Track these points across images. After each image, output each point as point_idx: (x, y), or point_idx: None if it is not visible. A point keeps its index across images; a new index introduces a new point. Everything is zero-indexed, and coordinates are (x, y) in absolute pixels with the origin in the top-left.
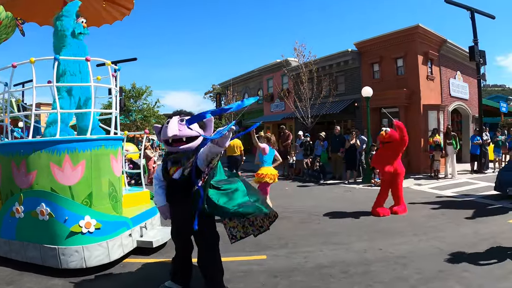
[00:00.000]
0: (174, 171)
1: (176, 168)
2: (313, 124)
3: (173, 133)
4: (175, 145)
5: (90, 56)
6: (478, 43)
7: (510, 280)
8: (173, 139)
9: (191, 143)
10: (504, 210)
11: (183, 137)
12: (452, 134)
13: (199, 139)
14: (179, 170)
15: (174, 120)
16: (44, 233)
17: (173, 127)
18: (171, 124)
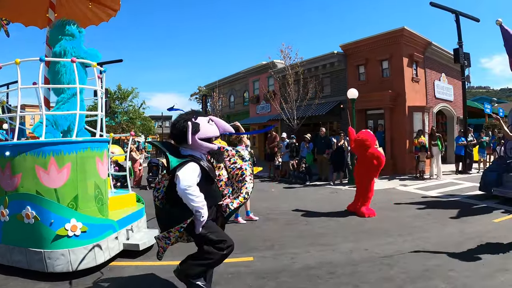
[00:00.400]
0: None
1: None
2: (299, 126)
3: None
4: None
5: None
6: (462, 45)
7: (495, 278)
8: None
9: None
10: (488, 209)
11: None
12: (437, 135)
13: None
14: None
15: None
16: (30, 237)
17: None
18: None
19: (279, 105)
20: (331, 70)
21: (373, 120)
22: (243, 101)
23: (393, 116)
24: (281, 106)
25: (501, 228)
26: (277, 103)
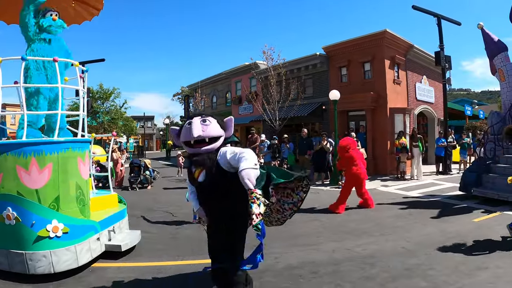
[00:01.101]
0: (198, 173)
1: (200, 171)
2: (281, 126)
3: (198, 133)
4: (197, 146)
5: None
6: (444, 48)
7: (473, 276)
8: (195, 140)
9: (213, 143)
10: (468, 209)
11: (206, 138)
12: (418, 136)
13: (221, 139)
14: (202, 172)
15: (196, 120)
16: (11, 238)
17: (197, 127)
18: (194, 124)
19: (261, 106)
20: (314, 71)
21: (355, 121)
22: (226, 102)
23: (375, 118)
24: (263, 107)
25: (481, 227)
26: (259, 104)
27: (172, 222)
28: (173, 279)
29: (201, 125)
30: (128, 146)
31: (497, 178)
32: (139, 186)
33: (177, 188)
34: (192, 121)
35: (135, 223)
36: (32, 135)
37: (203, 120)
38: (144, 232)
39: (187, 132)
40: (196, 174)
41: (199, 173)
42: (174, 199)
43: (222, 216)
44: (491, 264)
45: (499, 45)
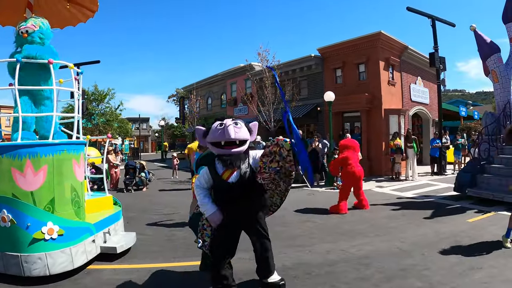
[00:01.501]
0: (229, 174)
1: (231, 172)
2: (276, 128)
3: (234, 135)
4: (227, 147)
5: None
6: (438, 49)
7: (468, 276)
8: (226, 141)
9: (242, 146)
10: (463, 210)
11: (237, 140)
12: (413, 137)
13: (247, 143)
14: (235, 173)
15: (230, 122)
16: (6, 240)
17: (233, 129)
18: (229, 127)
19: (256, 107)
20: (308, 73)
21: (349, 122)
22: (221, 103)
23: (370, 119)
24: (258, 109)
25: (475, 227)
26: (254, 105)
27: (167, 224)
28: (168, 280)
29: (234, 127)
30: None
31: (491, 178)
32: (134, 188)
33: (173, 190)
34: (225, 123)
35: (130, 225)
36: (27, 137)
37: (235, 123)
38: (140, 234)
39: (220, 133)
40: (226, 175)
41: (230, 174)
42: (169, 200)
43: (251, 210)
44: (485, 264)
45: (491, 47)
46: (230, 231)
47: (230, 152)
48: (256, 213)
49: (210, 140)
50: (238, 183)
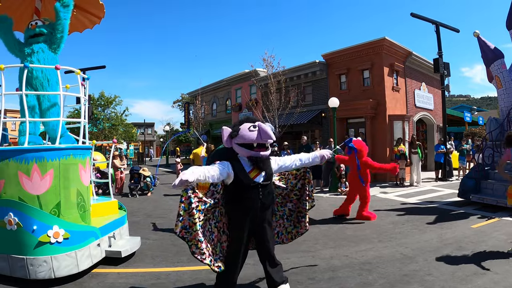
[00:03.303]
0: (256, 174)
1: (257, 172)
2: (281, 134)
3: (272, 138)
4: (257, 150)
5: (59, 64)
6: (442, 55)
7: (471, 282)
8: (258, 143)
9: (269, 149)
10: (467, 215)
11: (266, 143)
12: (417, 143)
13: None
14: (261, 174)
15: (267, 125)
16: (12, 243)
17: (270, 131)
18: (267, 128)
19: (261, 113)
20: (313, 79)
21: (354, 128)
22: (226, 109)
23: (374, 125)
24: (263, 115)
25: (479, 233)
26: (259, 111)
27: (172, 228)
28: (173, 285)
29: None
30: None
31: (495, 184)
32: (139, 193)
33: (177, 195)
34: (259, 125)
35: (135, 230)
36: (33, 141)
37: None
38: (144, 238)
39: (256, 134)
40: (253, 174)
41: (258, 174)
42: (174, 205)
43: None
44: (488, 270)
45: (495, 53)
46: (245, 231)
47: (260, 155)
48: (267, 214)
49: (241, 141)
50: (263, 184)
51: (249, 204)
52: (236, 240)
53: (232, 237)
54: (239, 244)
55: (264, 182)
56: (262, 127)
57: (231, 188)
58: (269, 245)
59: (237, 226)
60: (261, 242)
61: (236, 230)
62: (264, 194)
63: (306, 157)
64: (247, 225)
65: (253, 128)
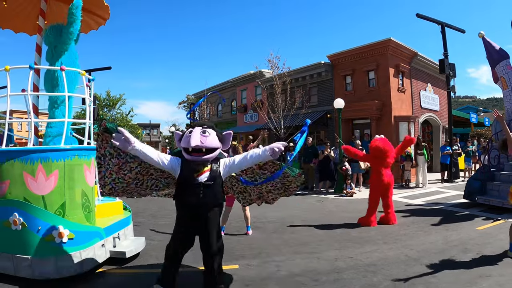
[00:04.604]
0: (199, 174)
1: (198, 174)
2: (286, 135)
3: (196, 143)
4: (194, 154)
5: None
6: (448, 56)
7: (476, 284)
8: (194, 148)
9: (210, 154)
10: (472, 217)
11: (203, 148)
12: (423, 144)
13: (217, 151)
14: (204, 174)
15: (197, 130)
16: (17, 243)
17: (196, 137)
18: (194, 134)
19: (267, 114)
20: (318, 80)
21: (359, 129)
22: (231, 110)
23: (379, 126)
24: (269, 116)
25: (484, 235)
26: (264, 112)
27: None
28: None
29: (201, 136)
30: None
31: (501, 185)
32: None
33: None
34: (193, 130)
35: (140, 230)
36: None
37: (203, 131)
38: (149, 239)
39: (187, 140)
40: (197, 173)
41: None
42: None
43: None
44: (493, 272)
45: (500, 53)
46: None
47: (195, 159)
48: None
49: (181, 145)
50: (205, 183)
51: (188, 201)
52: (175, 232)
53: (174, 229)
54: (177, 236)
55: (207, 182)
56: (191, 133)
57: (178, 184)
58: (210, 251)
59: (178, 220)
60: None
61: (176, 224)
62: (205, 193)
63: (256, 153)
64: (187, 222)
65: (188, 133)
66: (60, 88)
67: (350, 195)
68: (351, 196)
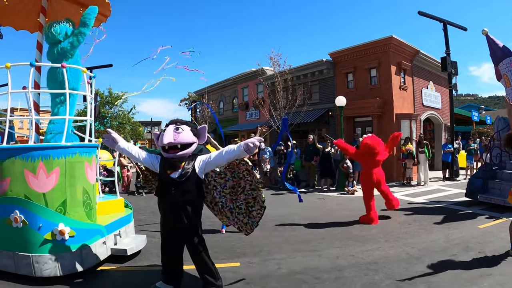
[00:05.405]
0: (171, 171)
1: (171, 171)
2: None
3: (168, 140)
4: (171, 151)
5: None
6: (450, 54)
7: (477, 283)
8: (169, 146)
9: (185, 150)
10: (474, 216)
11: (177, 144)
12: (425, 142)
13: (193, 146)
14: (175, 172)
15: (170, 128)
16: (18, 241)
17: (169, 135)
18: (167, 132)
19: (268, 112)
20: (320, 77)
21: (361, 127)
22: (233, 108)
23: (381, 124)
24: (270, 113)
25: (486, 234)
26: (266, 110)
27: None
28: None
29: (174, 132)
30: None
31: (503, 184)
32: (145, 191)
33: None
34: (166, 129)
35: (141, 228)
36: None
37: (176, 128)
38: (150, 236)
39: (161, 138)
40: (170, 171)
41: (173, 171)
42: None
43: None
44: (495, 271)
45: (504, 51)
46: (164, 224)
47: (171, 155)
48: (188, 212)
49: (158, 144)
50: (178, 180)
51: (163, 197)
52: (161, 232)
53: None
54: (162, 237)
55: (179, 178)
56: (165, 131)
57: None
58: (190, 248)
59: (161, 217)
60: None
61: (160, 221)
62: (178, 190)
63: (231, 148)
64: (166, 218)
65: (163, 132)
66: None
67: (352, 193)
68: (353, 194)
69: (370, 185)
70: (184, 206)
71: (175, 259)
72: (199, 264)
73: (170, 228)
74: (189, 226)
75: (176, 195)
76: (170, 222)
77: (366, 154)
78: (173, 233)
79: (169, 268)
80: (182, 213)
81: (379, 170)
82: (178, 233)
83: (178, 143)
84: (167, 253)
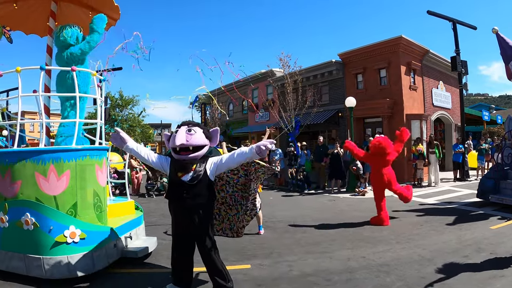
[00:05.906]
0: (183, 173)
1: (183, 174)
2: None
3: (180, 142)
4: (182, 153)
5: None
6: (460, 53)
7: (489, 285)
8: (180, 147)
9: (197, 152)
10: (486, 216)
11: (189, 146)
12: (435, 143)
13: (205, 148)
14: (186, 174)
15: (182, 129)
16: (29, 243)
17: (181, 136)
18: (179, 133)
19: (278, 113)
20: (330, 78)
21: (371, 128)
22: (242, 109)
23: (391, 124)
24: (280, 115)
25: (498, 234)
26: (276, 111)
27: None
28: None
29: (186, 134)
30: None
31: None
32: (156, 193)
33: None
34: (178, 130)
35: (152, 230)
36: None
37: (189, 129)
38: (161, 238)
39: (173, 139)
40: (181, 173)
41: (183, 175)
42: None
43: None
44: (507, 272)
45: None
46: (175, 227)
47: (183, 157)
48: (200, 215)
49: (169, 145)
50: (189, 183)
51: (174, 199)
52: (172, 235)
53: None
54: (173, 239)
55: (190, 181)
56: (177, 133)
57: (168, 184)
58: (202, 250)
59: (172, 222)
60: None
61: (172, 227)
62: (189, 193)
63: (242, 151)
64: (177, 221)
65: (175, 133)
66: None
67: (362, 194)
68: (363, 195)
69: (381, 185)
70: (196, 209)
71: (185, 260)
72: (210, 266)
73: (183, 231)
74: (201, 229)
75: (188, 199)
76: (182, 226)
77: (375, 155)
78: (185, 236)
79: (179, 269)
80: (194, 216)
81: (390, 170)
82: (190, 236)
83: (190, 145)
84: (178, 255)
